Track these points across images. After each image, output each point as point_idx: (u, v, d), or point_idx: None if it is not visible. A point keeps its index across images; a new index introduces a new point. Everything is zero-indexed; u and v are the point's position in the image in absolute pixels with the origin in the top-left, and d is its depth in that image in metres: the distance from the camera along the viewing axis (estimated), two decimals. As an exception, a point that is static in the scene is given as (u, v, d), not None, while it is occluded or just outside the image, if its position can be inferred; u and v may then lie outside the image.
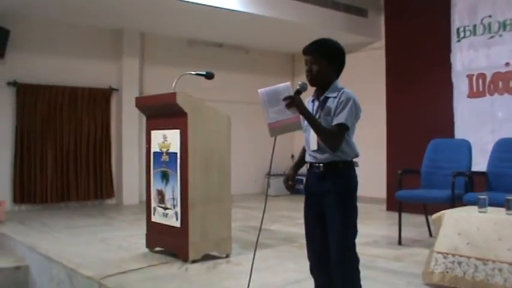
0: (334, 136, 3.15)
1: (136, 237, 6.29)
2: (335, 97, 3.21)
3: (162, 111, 5.51)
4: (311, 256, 3.39)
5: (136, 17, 9.44)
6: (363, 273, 3.31)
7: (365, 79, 10.37)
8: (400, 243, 6.24)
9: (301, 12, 9.55)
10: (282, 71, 11.97)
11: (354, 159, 3.29)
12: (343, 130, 3.15)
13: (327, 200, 3.22)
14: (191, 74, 5.69)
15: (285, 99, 3.11)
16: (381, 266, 5.21)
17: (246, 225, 7.44)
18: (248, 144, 11.37)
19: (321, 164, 3.25)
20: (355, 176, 3.29)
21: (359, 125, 3.30)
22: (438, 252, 4.38)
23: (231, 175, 5.62)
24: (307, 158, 3.36)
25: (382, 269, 5.09)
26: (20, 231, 7.18)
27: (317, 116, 3.23)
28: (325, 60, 3.26)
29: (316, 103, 3.31)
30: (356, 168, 3.30)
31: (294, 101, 3.09)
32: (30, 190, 9.29)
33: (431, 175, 6.54)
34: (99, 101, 10.06)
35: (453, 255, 4.28)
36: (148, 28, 10.30)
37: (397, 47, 9.35)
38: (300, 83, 3.23)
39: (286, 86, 3.17)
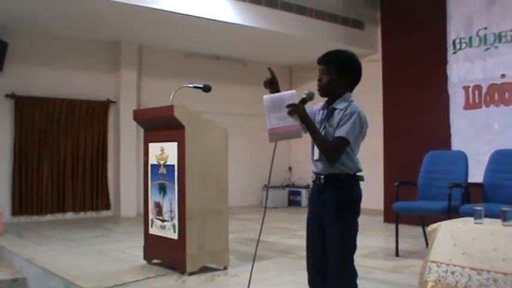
0: (333, 149, 3.13)
1: (134, 249, 6.28)
2: (341, 109, 3.20)
3: (159, 124, 5.54)
4: (310, 268, 3.37)
5: (134, 30, 9.49)
6: (361, 285, 3.32)
7: (362, 91, 10.37)
8: (397, 254, 6.25)
9: (298, 25, 9.62)
10: (279, 83, 11.93)
11: (359, 174, 3.26)
12: (343, 144, 3.12)
13: (326, 212, 3.22)
14: (189, 86, 5.72)
15: (288, 106, 3.09)
16: (379, 277, 5.22)
17: (244, 237, 7.45)
18: (246, 156, 11.41)
19: (322, 176, 3.24)
20: (358, 191, 3.26)
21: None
22: (432, 262, 4.40)
23: (228, 187, 5.63)
24: (312, 168, 3.34)
25: (380, 280, 5.11)
26: (17, 243, 7.18)
27: (323, 126, 3.22)
28: (335, 72, 3.25)
29: (325, 112, 3.29)
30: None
31: (296, 109, 3.08)
32: (28, 202, 9.32)
33: (428, 187, 6.56)
34: (96, 113, 10.10)
35: (447, 264, 4.29)
36: (146, 40, 10.35)
37: (394, 59, 9.39)
38: (306, 92, 3.21)
39: (291, 94, 3.16)
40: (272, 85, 3.27)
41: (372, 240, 7.21)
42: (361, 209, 3.28)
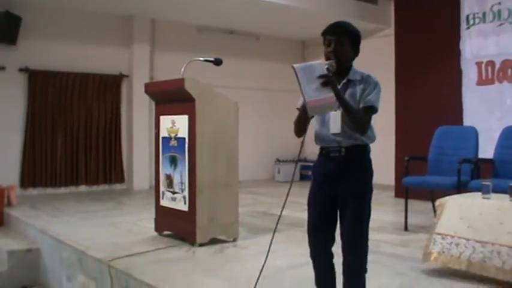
0: (365, 118, 3.12)
1: (145, 221, 6.37)
2: (360, 80, 3.19)
3: (170, 97, 5.57)
4: (316, 237, 3.35)
5: (147, 3, 9.49)
6: (373, 258, 3.35)
7: (374, 66, 10.27)
8: (406, 229, 6.29)
9: (310, -1, 9.60)
10: (292, 58, 11.90)
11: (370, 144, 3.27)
12: (373, 113, 3.13)
13: (344, 184, 3.19)
14: (200, 60, 5.74)
15: (320, 77, 2.99)
16: (386, 250, 5.26)
17: (254, 211, 7.53)
18: (258, 130, 11.44)
19: (343, 148, 3.20)
20: (371, 161, 3.28)
21: None
22: (438, 234, 4.45)
23: (238, 161, 5.68)
24: (323, 143, 3.29)
25: (387, 253, 5.15)
26: (31, 214, 7.30)
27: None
28: (349, 42, 3.22)
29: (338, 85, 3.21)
30: None
31: (330, 80, 2.99)
32: (41, 175, 9.44)
33: (438, 162, 6.55)
34: (109, 87, 10.17)
35: (452, 236, 4.34)
36: (159, 14, 10.34)
37: (407, 34, 9.34)
38: (327, 62, 3.12)
39: (319, 64, 3.04)
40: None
41: (381, 214, 7.23)
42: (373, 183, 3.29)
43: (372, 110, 3.13)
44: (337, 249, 3.27)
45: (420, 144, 7.36)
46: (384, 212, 7.47)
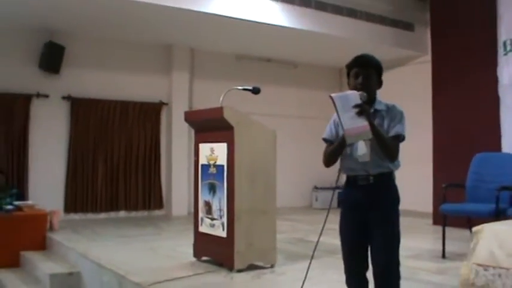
0: (394, 147, 3.23)
1: (184, 246, 6.43)
2: (386, 110, 3.30)
3: (209, 125, 5.69)
4: (350, 268, 3.45)
5: (186, 33, 9.73)
6: (405, 285, 3.37)
7: (411, 92, 10.44)
8: (443, 256, 6.24)
9: (348, 27, 9.69)
10: (329, 86, 11.95)
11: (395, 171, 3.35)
12: (400, 141, 3.24)
13: (374, 211, 3.28)
14: (238, 89, 5.84)
15: (355, 106, 3.10)
16: (423, 278, 5.25)
17: (292, 237, 7.56)
18: (295, 157, 11.50)
19: (371, 177, 3.28)
20: (397, 188, 3.37)
21: (406, 138, 3.32)
22: (478, 265, 4.39)
23: (276, 188, 5.74)
24: (350, 172, 3.37)
25: (424, 281, 5.14)
26: (72, 239, 7.47)
27: None
28: (375, 74, 3.34)
29: None
30: (401, 182, 3.35)
31: (364, 110, 3.11)
32: (82, 200, 9.68)
33: (476, 189, 6.53)
34: (149, 114, 10.39)
35: (494, 267, 4.30)
36: (198, 44, 10.57)
37: (444, 60, 9.35)
38: (360, 92, 3.20)
39: (354, 94, 3.16)
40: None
41: (419, 242, 7.22)
42: (410, 211, 3.35)
43: (399, 138, 3.24)
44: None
45: (458, 171, 7.32)
46: (421, 240, 7.44)
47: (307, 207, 11.77)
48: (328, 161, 3.41)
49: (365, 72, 3.29)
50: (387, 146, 3.20)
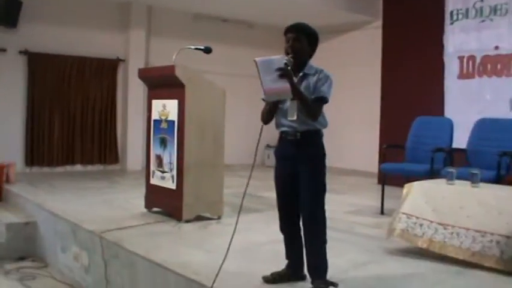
0: (316, 107, 3.56)
1: (137, 199, 6.66)
2: (313, 74, 3.62)
3: (162, 82, 5.94)
4: (282, 214, 3.83)
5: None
6: (342, 237, 3.73)
7: (362, 57, 10.78)
8: (382, 212, 6.62)
9: (303, -11, 9.92)
10: (283, 47, 12.14)
11: (323, 129, 3.71)
12: (323, 102, 3.57)
13: (301, 163, 3.63)
14: (190, 48, 6.03)
15: (278, 69, 3.41)
16: (359, 231, 5.64)
17: (241, 192, 7.81)
18: (249, 116, 11.74)
19: (298, 133, 3.64)
20: (323, 142, 3.73)
21: (355, 102, 3.66)
22: (403, 213, 4.82)
23: (224, 144, 6.03)
24: (282, 128, 3.73)
25: (360, 234, 5.53)
26: (29, 191, 7.67)
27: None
28: (306, 40, 3.66)
29: (295, 78, 3.61)
30: (349, 143, 3.68)
31: (286, 73, 3.42)
32: (39, 154, 9.81)
33: (415, 150, 6.89)
34: (106, 70, 10.50)
35: (417, 217, 4.72)
36: (155, 1, 10.64)
37: (394, 27, 9.68)
38: (286, 58, 3.53)
39: (279, 58, 3.48)
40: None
41: (361, 199, 7.62)
42: (358, 171, 3.67)
43: (322, 100, 3.57)
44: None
45: (403, 134, 7.65)
46: (364, 197, 7.84)
47: (259, 164, 12.08)
48: (265, 119, 3.78)
49: (295, 37, 3.63)
50: (308, 106, 3.54)
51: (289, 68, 3.45)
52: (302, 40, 3.64)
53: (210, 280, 3.65)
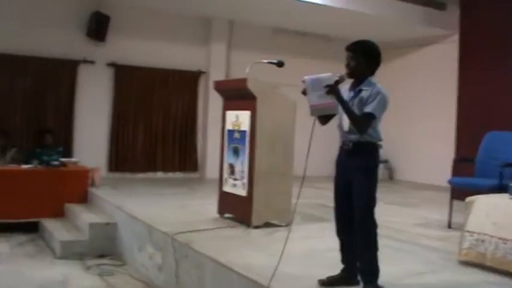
0: (362, 122, 3.74)
1: (211, 205, 6.92)
2: (367, 90, 3.81)
3: (235, 94, 6.25)
4: (337, 219, 4.04)
5: (226, 6, 10.24)
6: (404, 247, 3.84)
7: (439, 71, 10.77)
8: (449, 226, 6.62)
9: (381, 5, 10.09)
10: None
11: (379, 142, 3.88)
12: (370, 118, 3.73)
13: (353, 172, 3.84)
14: (263, 62, 6.30)
15: (325, 86, 3.69)
16: (423, 243, 5.68)
17: (314, 203, 8.06)
18: (325, 127, 11.92)
19: (351, 143, 3.87)
20: (378, 156, 3.90)
21: (430, 116, 3.78)
22: (467, 231, 4.85)
23: (293, 154, 6.25)
24: (340, 138, 3.98)
25: (422, 245, 5.57)
26: (111, 194, 8.19)
27: (351, 104, 3.82)
28: (362, 58, 3.85)
29: (352, 93, 3.90)
30: (425, 157, 3.82)
31: (332, 89, 3.69)
32: (123, 160, 10.45)
33: (485, 165, 6.83)
34: (188, 82, 11.05)
35: (478, 233, 4.73)
36: (236, 16, 11.06)
37: (471, 40, 9.64)
38: (338, 74, 3.79)
39: (328, 76, 3.75)
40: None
41: (431, 213, 7.63)
42: (431, 185, 3.79)
43: (369, 115, 3.73)
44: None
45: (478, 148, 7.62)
46: (434, 211, 7.82)
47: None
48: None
49: (351, 57, 3.87)
50: (353, 121, 3.76)
51: (339, 84, 3.73)
52: (358, 58, 3.84)
53: (268, 281, 3.86)
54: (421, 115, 11.54)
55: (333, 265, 4.15)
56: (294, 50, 11.24)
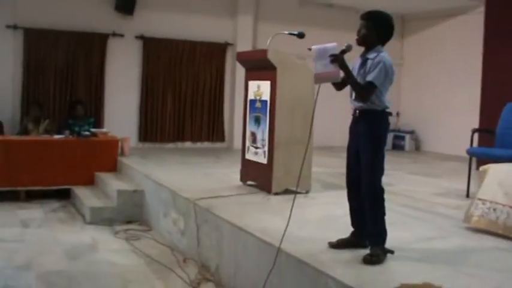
0: (363, 90, 3.87)
1: (235, 173, 7.10)
2: (371, 59, 3.92)
3: (257, 65, 6.40)
4: (348, 184, 4.18)
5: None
6: (418, 215, 4.08)
7: (465, 43, 10.75)
8: (467, 195, 6.66)
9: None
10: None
11: (387, 110, 3.98)
12: (372, 87, 3.84)
13: (360, 139, 3.99)
14: (284, 33, 6.43)
15: (330, 55, 3.83)
16: (438, 211, 5.79)
17: (336, 172, 8.19)
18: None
19: (357, 111, 4.01)
20: (384, 123, 4.01)
21: (456, 87, 3.80)
22: (479, 199, 4.94)
23: (313, 123, 6.38)
24: (350, 105, 4.10)
25: (437, 213, 5.69)
26: (139, 162, 8.48)
27: (361, 71, 3.96)
28: (373, 27, 3.96)
29: (360, 60, 4.03)
30: (450, 128, 3.88)
31: (337, 59, 3.82)
32: (152, 130, 10.74)
33: (505, 136, 6.86)
34: (215, 54, 11.22)
35: (490, 202, 4.80)
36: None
37: (497, 11, 9.56)
38: (346, 44, 3.93)
39: (333, 46, 3.88)
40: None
41: (452, 182, 7.68)
42: (456, 156, 3.85)
43: (370, 84, 3.84)
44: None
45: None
46: (456, 181, 7.85)
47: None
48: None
49: (363, 25, 3.99)
50: (356, 89, 3.92)
51: (345, 53, 3.85)
52: (369, 27, 3.94)
53: (282, 243, 4.04)
54: (448, 86, 11.55)
55: (346, 230, 4.29)
56: (320, 22, 11.32)
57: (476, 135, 9.44)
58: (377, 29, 3.96)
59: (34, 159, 8.22)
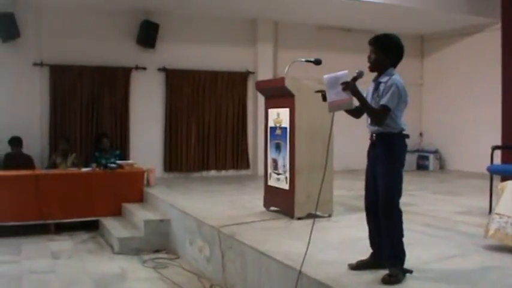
0: (377, 115, 3.96)
1: (259, 200, 7.21)
2: (385, 82, 4.01)
3: (275, 93, 6.55)
4: (366, 208, 4.27)
5: (270, 8, 10.61)
6: (439, 233, 4.21)
7: (484, 60, 10.79)
8: (490, 213, 6.68)
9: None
10: (412, 52, 12.36)
11: (404, 132, 4.05)
12: (385, 110, 3.93)
13: (376, 163, 4.07)
14: (301, 60, 6.58)
15: (342, 83, 3.93)
16: (459, 229, 5.85)
17: (358, 194, 8.24)
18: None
19: (374, 135, 4.10)
20: (401, 145, 4.07)
21: (476, 104, 3.86)
22: (496, 213, 5.02)
23: (333, 148, 6.49)
24: (367, 129, 4.19)
25: (459, 231, 5.73)
26: (165, 192, 8.66)
27: (375, 96, 4.06)
28: (381, 52, 4.05)
29: (373, 85, 4.13)
30: (473, 146, 3.96)
31: (348, 86, 3.91)
32: (177, 160, 10.95)
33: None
34: (237, 82, 11.44)
35: (508, 216, 4.89)
36: (281, 16, 11.37)
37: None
38: (357, 71, 4.00)
39: (344, 73, 3.97)
40: None
41: (474, 200, 7.67)
42: (479, 173, 3.86)
43: (383, 107, 3.93)
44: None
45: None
46: (478, 199, 7.84)
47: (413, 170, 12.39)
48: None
49: (371, 50, 4.10)
50: (369, 114, 4.02)
51: (357, 80, 3.95)
52: (377, 52, 4.05)
53: (303, 267, 4.14)
54: (468, 104, 11.59)
55: (367, 251, 4.35)
56: (339, 46, 11.51)
57: (498, 152, 9.58)
58: (385, 52, 4.04)
59: (63, 192, 8.43)
